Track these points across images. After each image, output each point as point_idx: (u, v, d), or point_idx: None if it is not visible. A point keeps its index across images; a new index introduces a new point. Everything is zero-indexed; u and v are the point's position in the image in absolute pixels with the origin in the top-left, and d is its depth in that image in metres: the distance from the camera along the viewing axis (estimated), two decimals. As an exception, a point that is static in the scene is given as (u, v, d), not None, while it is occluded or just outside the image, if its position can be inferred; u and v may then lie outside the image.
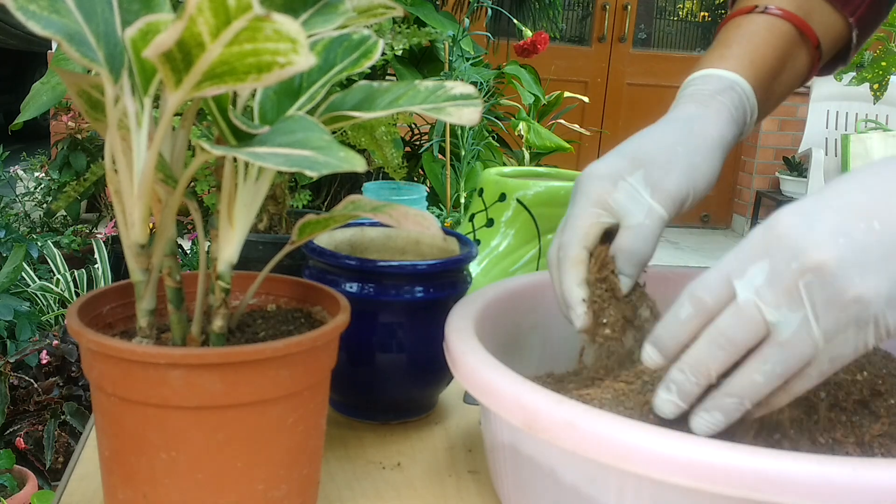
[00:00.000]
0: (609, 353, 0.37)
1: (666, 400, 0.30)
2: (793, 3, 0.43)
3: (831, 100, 3.15)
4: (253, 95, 0.32)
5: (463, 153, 1.00)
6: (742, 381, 0.29)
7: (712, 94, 0.40)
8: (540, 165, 1.44)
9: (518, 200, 0.55)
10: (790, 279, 0.27)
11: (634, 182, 0.37)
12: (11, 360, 1.18)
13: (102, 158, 0.31)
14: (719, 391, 0.29)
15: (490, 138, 1.30)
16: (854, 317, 0.27)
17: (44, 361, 1.21)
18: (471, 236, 0.57)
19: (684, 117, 0.40)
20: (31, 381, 1.19)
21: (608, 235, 0.37)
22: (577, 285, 0.36)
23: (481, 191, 0.58)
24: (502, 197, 0.56)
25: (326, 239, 0.47)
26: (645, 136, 0.39)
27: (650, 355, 0.31)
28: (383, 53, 0.51)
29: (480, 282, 0.55)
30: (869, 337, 0.28)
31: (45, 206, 2.31)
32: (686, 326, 0.30)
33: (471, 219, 0.58)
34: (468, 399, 0.49)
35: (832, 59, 0.47)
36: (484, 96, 1.25)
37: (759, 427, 0.32)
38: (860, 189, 0.29)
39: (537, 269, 0.56)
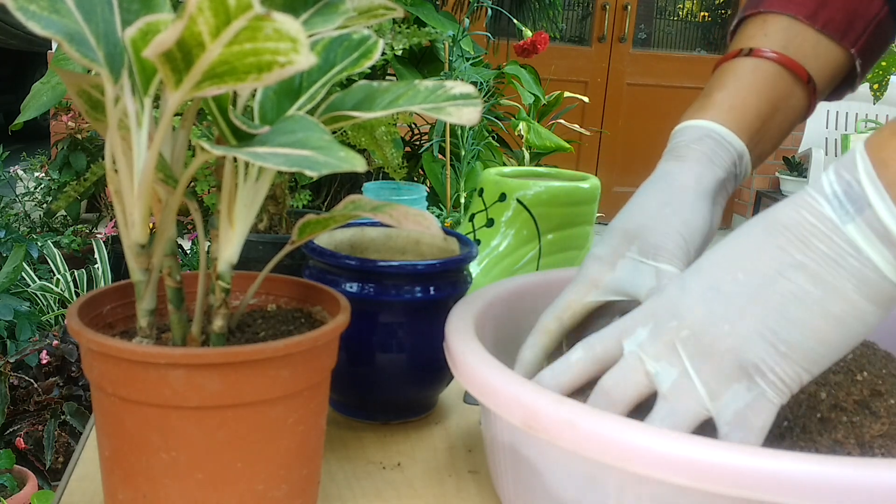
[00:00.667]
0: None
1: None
2: (782, 41, 0.42)
3: (831, 100, 3.14)
4: (253, 95, 0.32)
5: (463, 153, 1.00)
6: (612, 383, 0.30)
7: (687, 144, 0.40)
8: (540, 165, 1.44)
9: (518, 200, 0.55)
10: (668, 336, 0.30)
11: (633, 256, 0.37)
12: (11, 360, 1.18)
13: (102, 158, 0.31)
14: (597, 397, 0.30)
15: (490, 138, 1.30)
16: (735, 367, 0.28)
17: (44, 361, 1.21)
18: (471, 236, 0.57)
19: (664, 176, 0.40)
20: (31, 381, 1.19)
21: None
22: (530, 348, 0.38)
23: (481, 191, 0.58)
24: (502, 197, 0.56)
25: (326, 239, 0.47)
26: (633, 206, 0.39)
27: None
28: (383, 53, 0.51)
29: (481, 282, 0.55)
30: (766, 391, 0.28)
31: (45, 206, 2.31)
32: (572, 368, 0.32)
33: (471, 219, 0.58)
34: (468, 399, 0.49)
35: (840, 85, 0.46)
36: (484, 96, 1.25)
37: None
38: (730, 248, 0.30)
39: (537, 269, 0.56)
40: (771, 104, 0.42)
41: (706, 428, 0.29)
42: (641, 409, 0.31)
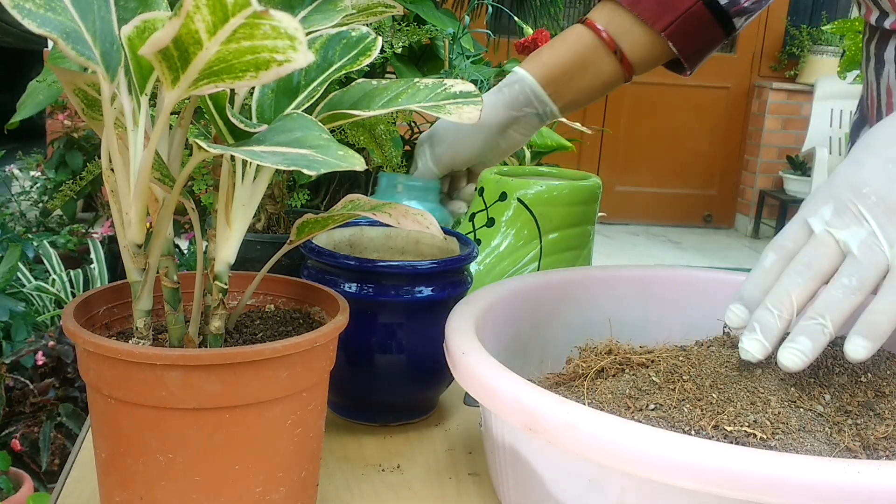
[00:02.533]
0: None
1: (751, 339, 0.33)
2: (607, 18, 0.56)
3: (835, 98, 3.16)
4: (251, 93, 0.32)
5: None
6: (822, 300, 0.32)
7: (500, 86, 0.57)
8: (541, 164, 1.43)
9: (519, 200, 0.55)
10: (853, 206, 0.33)
11: (427, 149, 0.59)
12: (7, 361, 1.17)
13: (99, 157, 0.31)
14: (802, 318, 0.32)
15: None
16: None
17: (39, 362, 1.21)
18: (471, 236, 0.57)
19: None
20: (27, 382, 1.18)
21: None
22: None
23: (481, 190, 0.58)
24: (503, 196, 0.55)
25: (325, 238, 0.47)
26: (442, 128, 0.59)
27: (735, 313, 0.34)
28: (382, 51, 0.51)
29: (481, 282, 0.55)
30: None
31: (40, 205, 2.30)
32: (770, 273, 0.34)
33: (471, 218, 0.58)
34: (468, 400, 0.49)
35: (674, 64, 0.59)
36: (484, 94, 1.25)
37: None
38: (891, 131, 0.35)
39: (539, 269, 0.55)
40: (580, 67, 0.57)
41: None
42: (640, 406, 0.31)
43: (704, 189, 3.74)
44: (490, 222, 0.56)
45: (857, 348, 0.31)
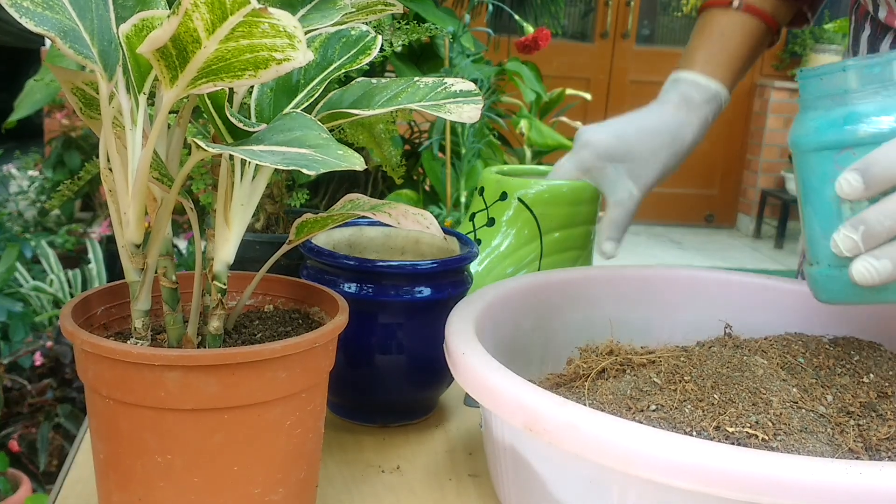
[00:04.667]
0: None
1: (847, 237, 0.31)
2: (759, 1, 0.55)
3: (835, 97, 3.15)
4: (250, 92, 0.32)
5: (463, 151, 0.99)
6: None
7: (699, 104, 0.53)
8: (542, 163, 1.43)
9: (519, 199, 0.54)
10: None
11: (622, 169, 0.52)
12: (5, 362, 1.17)
13: (97, 157, 0.30)
14: None
15: (491, 136, 1.30)
16: None
17: (37, 363, 1.20)
18: (471, 236, 0.57)
19: (676, 123, 0.53)
20: (25, 382, 1.18)
21: None
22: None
23: (482, 189, 0.58)
24: (503, 196, 0.55)
25: (324, 238, 0.47)
26: (641, 129, 0.52)
27: (849, 181, 0.32)
28: (382, 49, 0.50)
29: (482, 282, 0.55)
30: None
31: (38, 205, 2.30)
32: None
33: (471, 218, 0.58)
34: (469, 401, 0.49)
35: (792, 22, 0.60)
36: (484, 93, 1.25)
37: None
38: None
39: (539, 269, 0.55)
40: (753, 58, 0.56)
41: None
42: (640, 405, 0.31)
43: (706, 189, 3.74)
44: (490, 222, 0.56)
45: None
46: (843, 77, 0.34)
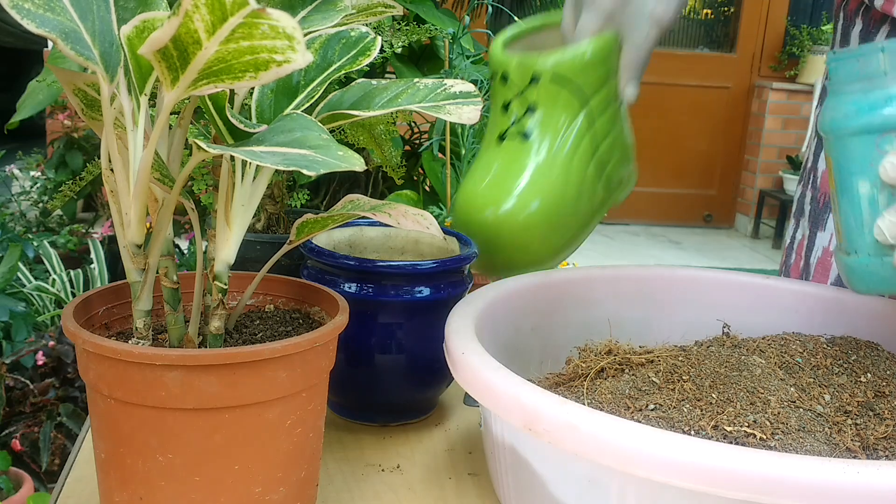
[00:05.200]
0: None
1: (893, 223, 0.30)
2: None
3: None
4: (250, 93, 0.32)
5: (463, 152, 0.99)
6: None
7: None
8: None
9: (553, 74, 0.47)
10: None
11: (641, 6, 0.47)
12: (7, 361, 1.17)
13: (99, 157, 0.31)
14: None
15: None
16: None
17: (40, 362, 1.21)
18: (515, 128, 0.47)
19: None
20: (27, 382, 1.18)
21: None
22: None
23: (503, 77, 0.48)
24: (533, 79, 0.47)
25: (325, 239, 0.47)
26: None
27: (895, 164, 0.31)
28: (382, 51, 0.50)
29: (546, 174, 0.47)
30: None
31: (41, 205, 2.30)
32: None
33: (505, 109, 0.48)
34: (468, 401, 0.49)
35: None
36: (484, 95, 1.24)
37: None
38: None
39: (592, 133, 0.48)
40: None
41: None
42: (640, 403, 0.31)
43: (704, 189, 3.74)
44: (530, 109, 0.47)
45: None
46: (882, 58, 0.32)
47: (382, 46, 0.34)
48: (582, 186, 0.49)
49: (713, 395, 0.32)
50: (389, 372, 0.44)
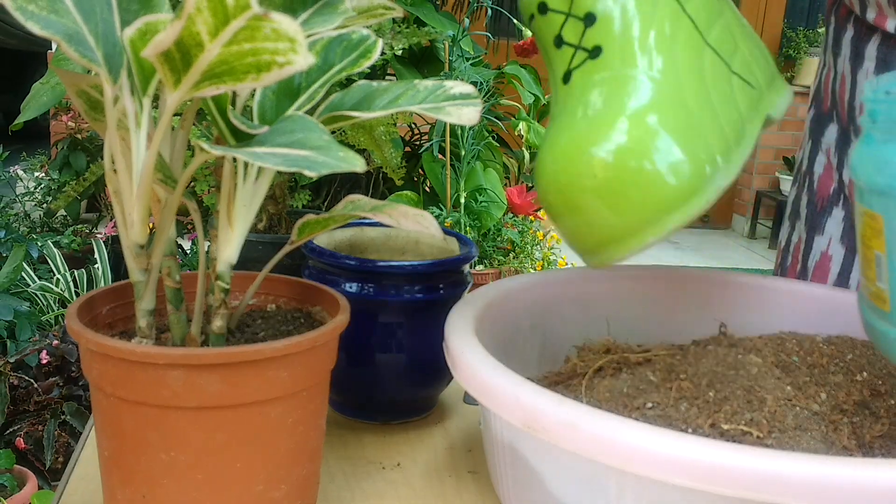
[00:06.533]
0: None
1: None
2: None
3: (831, 99, 3.14)
4: (252, 95, 0.32)
5: (463, 153, 0.99)
6: None
7: None
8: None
9: None
10: None
11: None
12: (11, 360, 1.18)
13: (102, 158, 0.31)
14: None
15: (490, 138, 1.30)
16: None
17: (44, 361, 1.21)
18: (581, 55, 0.35)
19: None
20: (31, 380, 1.19)
21: None
22: None
23: (541, 9, 0.36)
24: None
25: (326, 239, 0.47)
26: None
27: None
28: (383, 53, 0.51)
29: (648, 84, 0.33)
30: None
31: (44, 205, 2.31)
32: None
33: (557, 45, 0.36)
34: (468, 399, 0.49)
35: None
36: (484, 96, 1.25)
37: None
38: None
39: (689, 16, 0.35)
40: None
41: None
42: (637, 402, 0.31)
43: (704, 189, 3.73)
44: (589, 19, 0.35)
45: None
46: None
47: (383, 49, 0.34)
48: (709, 88, 0.35)
49: (710, 394, 0.32)
50: (390, 371, 0.44)
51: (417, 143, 1.47)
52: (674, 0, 0.35)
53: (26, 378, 1.18)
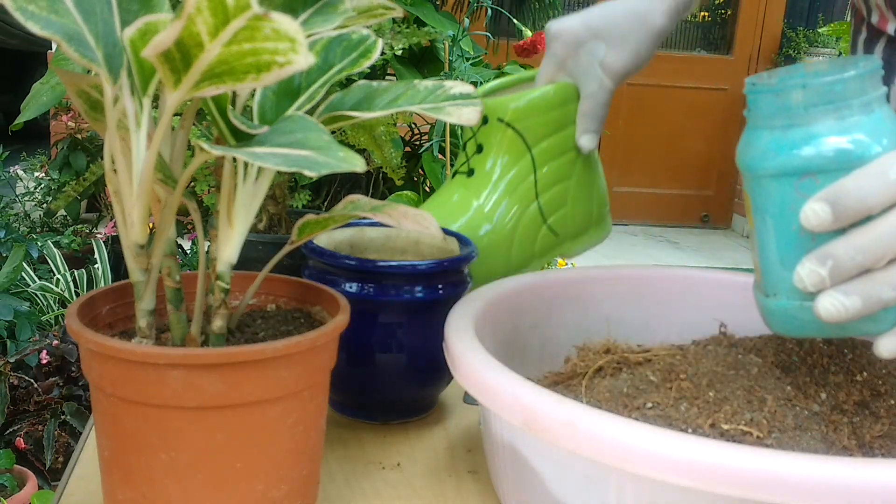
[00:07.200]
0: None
1: (814, 272, 0.28)
2: None
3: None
4: (252, 95, 0.32)
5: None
6: None
7: None
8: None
9: (500, 120, 0.52)
10: None
11: (593, 56, 0.50)
12: (11, 360, 1.18)
13: (102, 158, 0.31)
14: (877, 279, 0.28)
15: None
16: None
17: (44, 361, 1.21)
18: (464, 166, 0.54)
19: (644, 8, 0.51)
20: (31, 380, 1.19)
21: None
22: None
23: None
24: (485, 120, 0.53)
25: (326, 239, 0.47)
26: (607, 14, 0.51)
27: (817, 212, 0.28)
28: (383, 53, 0.51)
29: (481, 215, 0.52)
30: None
31: (45, 205, 2.31)
32: (890, 190, 0.27)
33: (463, 148, 0.55)
34: (468, 399, 0.49)
35: None
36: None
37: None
38: None
39: (535, 180, 0.52)
40: None
41: None
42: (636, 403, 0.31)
43: (702, 190, 3.74)
44: (479, 149, 0.54)
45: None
46: (801, 94, 0.30)
47: (383, 49, 0.34)
48: (516, 230, 0.53)
49: (710, 394, 0.32)
50: (390, 371, 0.44)
51: (417, 143, 1.47)
52: (531, 162, 0.52)
53: (26, 378, 1.18)
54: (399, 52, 0.63)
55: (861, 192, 0.28)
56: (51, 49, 2.74)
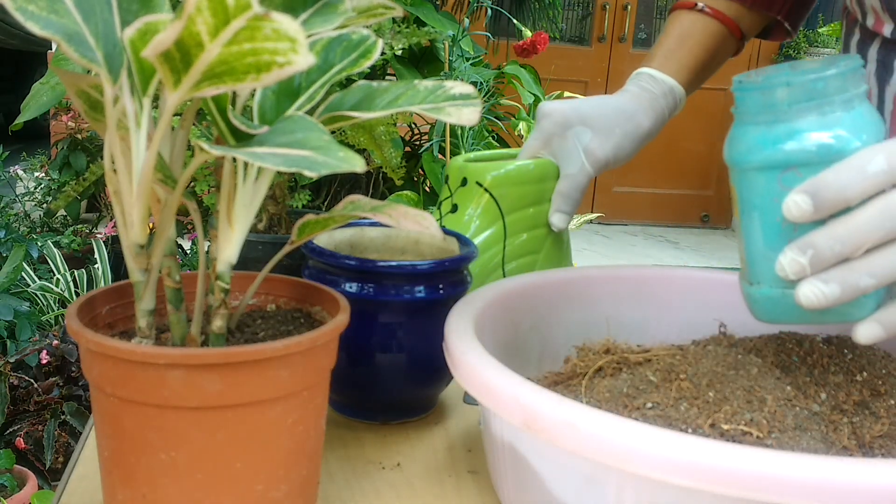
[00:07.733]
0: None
1: (794, 260, 0.30)
2: (723, 5, 0.57)
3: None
4: (252, 95, 0.32)
5: (463, 153, 0.99)
6: (891, 261, 0.28)
7: (656, 97, 0.56)
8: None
9: (478, 183, 0.55)
10: None
11: (578, 141, 0.53)
12: (11, 360, 1.18)
13: (102, 158, 0.31)
14: (855, 267, 0.29)
15: (490, 138, 1.30)
16: None
17: (44, 361, 1.21)
18: (439, 223, 0.57)
19: (632, 107, 0.55)
20: (31, 380, 1.19)
21: None
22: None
23: (447, 178, 0.58)
24: (464, 182, 0.56)
25: (326, 239, 0.47)
26: (598, 105, 0.55)
27: (798, 203, 0.30)
28: (383, 53, 0.51)
29: None
30: None
31: (45, 205, 2.31)
32: (867, 182, 0.28)
33: (438, 206, 0.58)
34: (468, 399, 0.49)
35: (774, 30, 0.62)
36: (484, 96, 1.25)
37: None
38: None
39: (504, 250, 0.55)
40: (713, 59, 0.58)
41: None
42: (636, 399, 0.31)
43: (702, 189, 3.74)
44: (454, 208, 0.56)
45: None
46: (785, 92, 0.31)
47: (383, 49, 0.34)
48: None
49: (710, 394, 0.32)
50: (390, 371, 0.44)
51: (417, 143, 1.47)
52: (503, 230, 0.55)
53: (26, 378, 1.18)
54: (399, 52, 0.63)
55: (840, 185, 0.29)
56: (51, 49, 2.74)
